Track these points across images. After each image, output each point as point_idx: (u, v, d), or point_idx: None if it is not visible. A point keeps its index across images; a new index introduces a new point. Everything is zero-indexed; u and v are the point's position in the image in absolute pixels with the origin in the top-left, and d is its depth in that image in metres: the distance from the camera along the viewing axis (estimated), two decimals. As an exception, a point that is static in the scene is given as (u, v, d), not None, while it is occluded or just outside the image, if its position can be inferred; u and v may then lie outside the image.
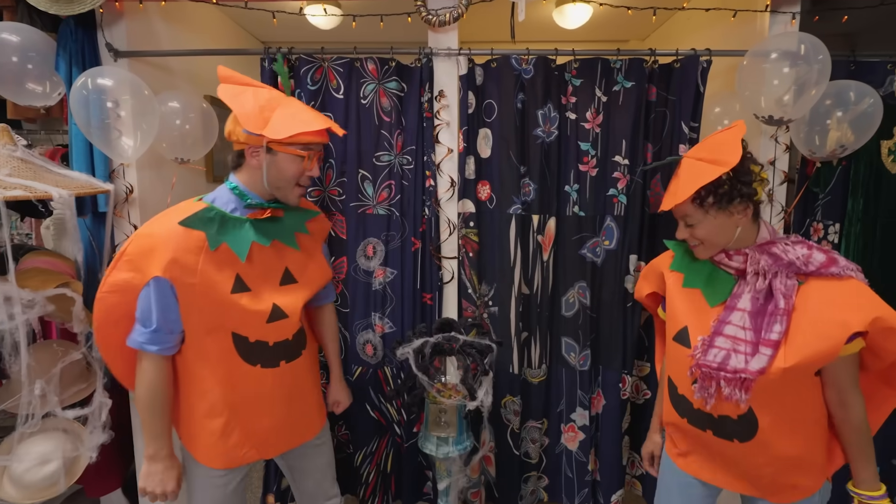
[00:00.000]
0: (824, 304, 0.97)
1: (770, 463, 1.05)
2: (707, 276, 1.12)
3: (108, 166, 1.66)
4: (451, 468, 1.53)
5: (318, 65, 1.64)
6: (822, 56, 1.39)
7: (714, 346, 1.03)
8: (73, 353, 1.51)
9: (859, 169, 1.64)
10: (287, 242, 1.20)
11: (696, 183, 1.02)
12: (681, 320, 1.12)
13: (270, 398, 1.19)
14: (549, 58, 1.63)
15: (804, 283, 1.01)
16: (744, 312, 1.03)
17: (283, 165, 1.11)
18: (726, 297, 1.07)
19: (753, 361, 0.98)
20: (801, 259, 1.01)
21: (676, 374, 1.14)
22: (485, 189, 1.70)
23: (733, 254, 1.07)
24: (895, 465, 1.82)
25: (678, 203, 1.05)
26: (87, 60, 1.61)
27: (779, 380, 0.98)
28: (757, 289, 1.03)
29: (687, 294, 1.13)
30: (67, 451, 1.49)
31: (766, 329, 0.99)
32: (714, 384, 1.02)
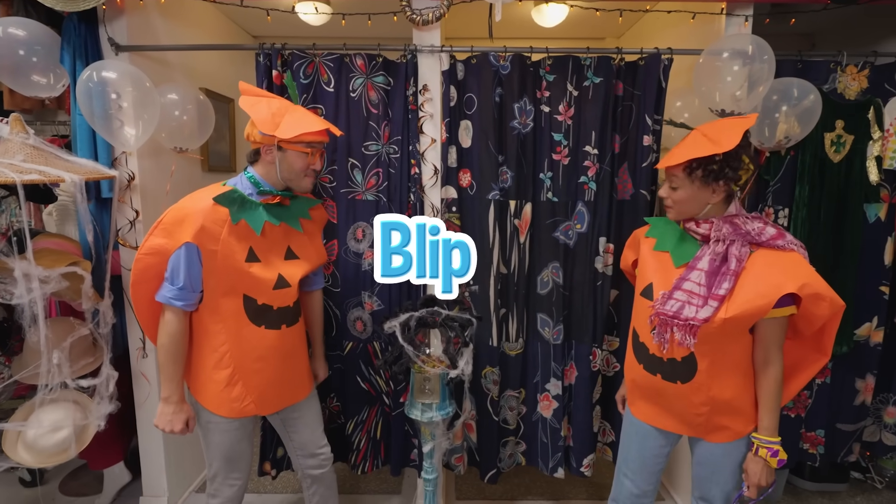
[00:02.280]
0: (766, 269, 1.14)
1: (706, 402, 1.24)
2: (676, 241, 1.28)
3: (111, 154, 1.75)
4: (434, 432, 1.67)
5: (309, 60, 1.75)
6: (767, 56, 1.55)
7: (672, 299, 1.20)
8: (81, 328, 1.61)
9: (805, 158, 1.80)
10: (292, 224, 1.42)
11: (691, 153, 1.16)
12: (648, 278, 1.30)
13: (270, 356, 1.40)
14: (524, 55, 1.77)
15: (754, 252, 1.17)
16: (701, 272, 1.19)
17: (292, 160, 1.35)
18: (689, 259, 1.23)
19: (701, 312, 1.15)
20: (755, 231, 1.18)
21: (639, 324, 1.33)
22: (466, 176, 1.84)
23: (702, 222, 1.23)
24: (839, 428, 2.01)
25: (671, 165, 1.20)
26: (90, 54, 1.70)
27: (718, 329, 1.15)
28: (716, 252, 1.18)
29: (656, 256, 1.31)
30: (77, 420, 1.59)
31: (717, 286, 1.15)
32: (669, 330, 1.20)
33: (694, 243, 1.26)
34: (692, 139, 1.21)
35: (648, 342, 1.29)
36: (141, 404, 1.92)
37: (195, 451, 2.17)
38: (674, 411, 1.31)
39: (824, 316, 1.16)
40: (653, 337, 1.25)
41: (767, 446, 1.21)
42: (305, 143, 1.35)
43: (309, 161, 1.37)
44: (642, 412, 1.39)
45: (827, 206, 1.83)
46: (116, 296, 1.82)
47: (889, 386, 2.04)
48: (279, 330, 1.40)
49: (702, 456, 1.33)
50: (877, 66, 1.81)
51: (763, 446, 1.22)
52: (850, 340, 1.89)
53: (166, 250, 1.27)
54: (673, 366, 1.25)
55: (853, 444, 2.03)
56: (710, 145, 1.15)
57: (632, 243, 1.49)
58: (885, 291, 1.90)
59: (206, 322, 1.35)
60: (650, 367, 1.30)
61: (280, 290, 1.38)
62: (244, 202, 1.33)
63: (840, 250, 1.85)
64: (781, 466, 1.22)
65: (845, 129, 1.80)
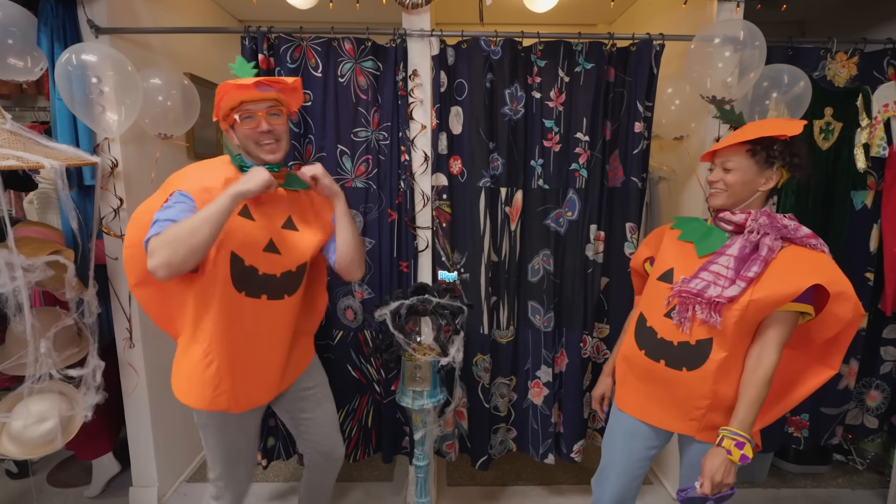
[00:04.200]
0: (795, 263, 1.13)
1: (707, 395, 1.18)
2: (702, 233, 1.26)
3: (93, 140, 1.71)
4: (425, 419, 1.68)
5: (296, 44, 1.72)
6: (759, 42, 1.54)
7: (697, 278, 1.18)
8: (66, 318, 1.59)
9: (794, 146, 1.81)
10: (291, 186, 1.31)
11: (762, 131, 1.15)
12: (668, 263, 1.28)
13: (249, 329, 1.25)
14: (515, 40, 1.74)
15: (786, 247, 1.15)
16: (731, 257, 1.17)
17: (239, 134, 1.24)
18: (713, 250, 1.21)
19: (728, 290, 1.12)
20: (791, 227, 1.17)
21: (650, 309, 1.29)
22: (456, 163, 1.82)
23: (738, 211, 1.20)
24: (822, 411, 2.05)
25: (740, 141, 1.15)
26: (69, 37, 1.65)
27: (742, 312, 1.11)
28: (749, 241, 1.16)
29: (680, 245, 1.29)
30: (63, 411, 1.57)
31: (746, 269, 1.13)
32: (690, 308, 1.16)
33: (721, 236, 1.23)
34: (753, 125, 1.20)
35: (659, 325, 1.24)
36: (129, 394, 1.90)
37: (185, 440, 2.16)
38: (670, 402, 1.25)
39: (845, 319, 1.12)
40: (668, 320, 1.21)
41: (733, 437, 1.10)
42: (237, 111, 1.21)
43: (251, 126, 1.21)
44: (632, 405, 1.33)
45: (815, 193, 1.84)
46: (101, 285, 1.79)
47: (871, 370, 2.07)
48: (258, 300, 1.25)
49: (692, 456, 1.27)
50: (866, 54, 1.81)
51: (728, 437, 1.10)
52: (835, 326, 1.91)
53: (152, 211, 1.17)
54: (683, 350, 1.20)
55: (836, 428, 2.07)
56: (761, 127, 1.16)
57: (650, 241, 1.43)
58: (870, 278, 1.93)
59: (183, 290, 1.24)
60: (654, 352, 1.25)
61: (269, 254, 1.25)
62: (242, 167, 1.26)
63: (827, 237, 1.86)
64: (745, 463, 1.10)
65: (834, 116, 1.81)
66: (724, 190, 1.21)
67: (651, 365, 1.26)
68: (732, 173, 1.19)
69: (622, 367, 1.37)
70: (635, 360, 1.30)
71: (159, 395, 1.95)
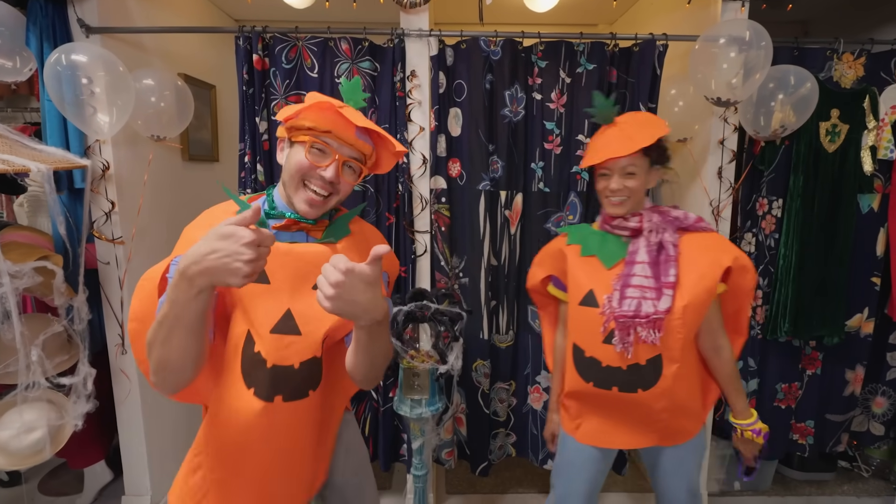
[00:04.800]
0: (700, 251, 1.17)
1: (668, 408, 1.18)
2: (599, 243, 1.24)
3: (84, 143, 1.67)
4: (424, 428, 1.64)
5: (292, 44, 1.68)
6: (765, 42, 1.50)
7: (626, 297, 1.14)
8: (55, 325, 1.55)
9: (800, 148, 1.77)
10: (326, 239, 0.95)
11: (655, 133, 1.14)
12: (585, 285, 1.22)
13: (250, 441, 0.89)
14: (516, 40, 1.71)
15: (681, 237, 1.19)
16: (644, 264, 1.16)
17: (292, 157, 0.90)
18: (619, 258, 1.20)
19: (661, 303, 1.12)
20: (681, 216, 1.21)
21: (584, 338, 1.21)
22: (455, 166, 1.78)
23: (630, 216, 1.21)
24: (828, 418, 2.01)
25: (640, 147, 1.13)
26: (59, 36, 1.61)
27: (680, 318, 1.12)
28: (651, 242, 1.17)
29: (585, 262, 1.24)
30: (52, 420, 1.53)
31: (664, 274, 1.14)
32: (632, 331, 1.13)
33: (617, 242, 1.22)
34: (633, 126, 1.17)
35: (600, 354, 1.18)
36: (122, 402, 1.86)
37: (178, 448, 2.12)
38: (630, 423, 1.23)
39: (748, 289, 1.21)
40: (609, 346, 1.16)
41: (750, 429, 1.25)
42: (316, 133, 0.88)
43: (311, 159, 0.88)
44: (591, 436, 1.27)
45: (821, 197, 1.80)
46: (93, 291, 1.75)
47: (878, 376, 2.04)
48: (270, 403, 0.87)
49: (662, 464, 1.28)
50: (873, 54, 1.78)
51: (746, 429, 1.25)
52: (840, 332, 1.88)
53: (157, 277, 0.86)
54: (634, 373, 1.16)
55: (842, 434, 2.03)
56: (650, 128, 1.15)
57: (543, 260, 1.37)
58: (877, 282, 1.89)
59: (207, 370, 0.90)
60: (604, 382, 1.19)
61: (281, 335, 0.87)
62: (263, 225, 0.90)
63: (833, 241, 1.83)
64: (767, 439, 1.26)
65: (840, 118, 1.77)
66: (628, 197, 1.18)
67: (603, 395, 1.20)
68: (635, 178, 1.17)
69: (572, 403, 1.29)
70: (585, 393, 1.24)
71: (152, 402, 1.91)
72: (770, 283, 1.87)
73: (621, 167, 1.16)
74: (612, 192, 1.18)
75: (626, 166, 1.16)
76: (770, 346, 1.93)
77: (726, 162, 1.78)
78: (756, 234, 1.88)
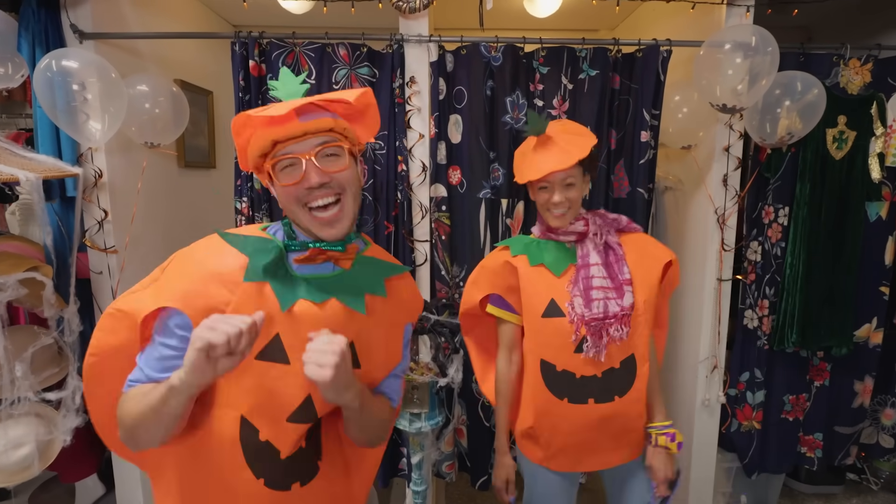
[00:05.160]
0: (639, 250, 1.23)
1: (641, 413, 1.20)
2: (544, 252, 1.23)
3: (76, 150, 1.64)
4: (423, 442, 1.60)
5: (289, 49, 1.65)
6: (771, 48, 1.47)
7: (593, 300, 1.14)
8: (45, 337, 1.51)
9: (807, 155, 1.74)
10: (350, 303, 0.81)
11: (587, 144, 1.16)
12: (544, 296, 1.19)
13: None
14: (517, 46, 1.68)
15: (620, 237, 1.25)
16: (598, 265, 1.18)
17: (277, 189, 0.79)
18: (567, 264, 1.20)
19: (624, 300, 1.15)
20: (618, 220, 1.28)
21: (554, 351, 1.17)
22: (455, 174, 1.75)
23: (574, 221, 1.22)
24: (837, 430, 1.97)
25: (577, 160, 1.13)
26: (51, 42, 1.58)
27: (643, 314, 1.16)
28: (598, 244, 1.21)
29: (536, 272, 1.21)
30: (41, 435, 1.49)
31: (619, 272, 1.18)
32: (605, 333, 1.13)
33: (562, 249, 1.23)
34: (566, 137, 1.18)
35: (573, 365, 1.16)
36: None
37: (173, 461, 2.07)
38: (604, 441, 1.19)
39: (676, 282, 1.31)
40: (579, 355, 1.14)
41: (664, 432, 1.19)
42: (269, 155, 0.76)
43: (289, 182, 0.76)
44: (567, 462, 1.22)
45: (828, 205, 1.77)
46: (85, 301, 1.71)
47: (887, 387, 2.00)
48: (287, 492, 0.79)
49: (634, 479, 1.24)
50: (880, 60, 1.75)
51: (660, 433, 1.19)
52: (849, 342, 1.84)
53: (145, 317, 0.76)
54: (610, 379, 1.16)
55: (851, 447, 1.99)
56: (582, 138, 1.18)
57: (481, 278, 1.29)
58: (885, 292, 1.86)
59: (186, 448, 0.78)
60: (579, 395, 1.16)
61: (298, 424, 0.78)
62: (281, 260, 0.79)
63: (840, 249, 1.80)
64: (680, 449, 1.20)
65: (847, 124, 1.74)
66: (570, 208, 1.19)
67: (579, 410, 1.16)
68: (575, 189, 1.19)
69: (542, 429, 1.21)
70: (559, 412, 1.18)
71: (145, 414, 1.86)
72: (777, 293, 1.84)
73: (560, 180, 1.16)
74: (556, 205, 1.18)
75: (565, 178, 1.16)
76: (777, 357, 1.89)
77: (732, 169, 1.75)
78: (762, 242, 1.84)
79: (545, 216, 1.24)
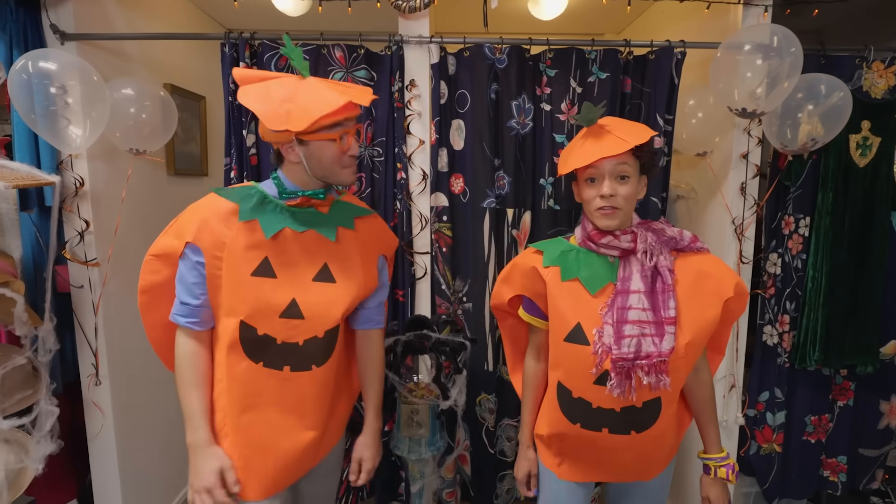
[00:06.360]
0: (698, 277, 1.04)
1: (661, 446, 1.09)
2: (581, 264, 1.06)
3: (56, 157, 1.54)
4: (424, 470, 1.49)
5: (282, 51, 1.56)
6: (795, 49, 1.39)
7: (625, 336, 0.98)
8: (17, 357, 1.40)
9: (829, 163, 1.65)
10: (325, 233, 1.09)
11: (646, 133, 0.99)
12: (570, 318, 1.04)
13: (265, 405, 1.07)
14: (523, 47, 1.59)
15: (676, 259, 1.05)
16: (640, 294, 1.00)
17: (319, 153, 1.03)
18: (605, 283, 1.04)
19: (664, 343, 0.97)
20: (677, 236, 1.06)
21: (571, 378, 1.06)
22: (458, 182, 1.66)
23: (620, 234, 1.03)
24: (861, 453, 1.86)
25: (634, 145, 0.97)
26: (30, 43, 1.49)
27: (682, 358, 1.00)
28: (646, 267, 1.01)
29: (567, 288, 1.06)
30: (11, 463, 1.38)
31: (664, 307, 0.99)
32: (633, 375, 0.98)
33: (603, 263, 1.05)
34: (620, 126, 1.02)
35: (591, 395, 1.04)
36: (94, 437, 1.71)
37: (156, 485, 1.96)
38: (617, 465, 1.11)
39: (740, 313, 1.11)
40: (601, 387, 1.01)
41: (724, 464, 1.11)
42: (328, 127, 1.01)
43: (340, 148, 1.03)
44: (578, 473, 1.15)
45: (851, 214, 1.68)
46: (65, 317, 1.61)
47: (914, 407, 1.89)
48: (280, 371, 1.06)
49: (643, 497, 1.18)
50: (905, 63, 1.66)
51: (720, 465, 1.11)
52: (874, 359, 1.74)
53: (173, 252, 1.05)
54: (629, 415, 1.03)
55: (876, 471, 1.88)
56: (640, 129, 1.02)
57: (511, 276, 1.18)
58: (913, 306, 1.76)
59: (214, 348, 1.09)
60: (592, 423, 1.06)
61: (289, 320, 1.05)
62: (264, 201, 1.05)
63: (865, 262, 1.70)
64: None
65: (872, 130, 1.65)
66: (621, 207, 1.01)
67: (591, 436, 1.07)
68: (628, 184, 1.00)
69: (555, 443, 1.15)
70: (570, 434, 1.10)
71: (128, 437, 1.76)
72: (797, 308, 1.74)
73: (612, 169, 0.99)
74: (605, 198, 1.00)
75: (618, 168, 0.99)
76: (798, 376, 1.79)
77: (750, 177, 1.66)
78: (782, 254, 1.74)
79: (591, 216, 1.05)
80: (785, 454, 1.83)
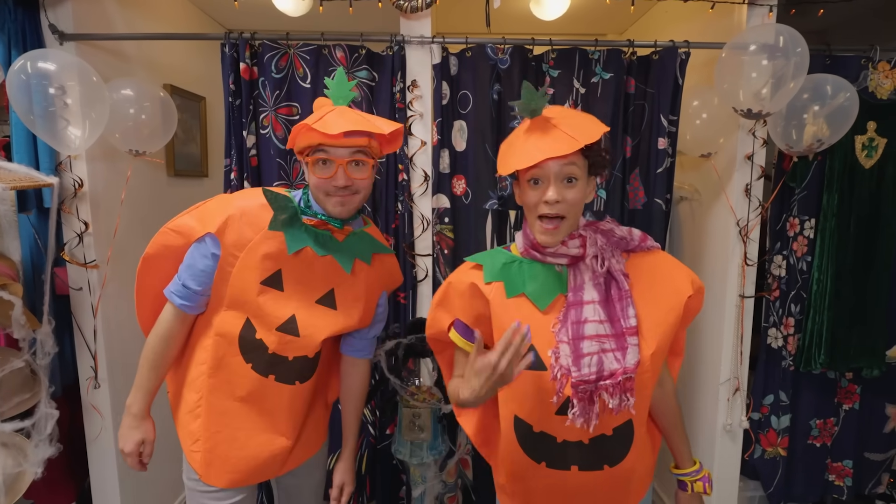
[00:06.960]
0: (654, 278, 0.94)
1: (640, 478, 0.98)
2: (526, 277, 0.93)
3: (55, 158, 1.53)
4: (425, 474, 1.48)
5: (283, 51, 1.55)
6: (801, 49, 1.37)
7: (584, 355, 0.86)
8: (15, 360, 1.39)
9: (834, 164, 1.64)
10: (341, 261, 1.08)
11: (597, 131, 0.86)
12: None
13: (245, 403, 1.09)
14: (525, 47, 1.58)
15: (627, 260, 0.95)
16: (594, 304, 0.89)
17: (308, 176, 1.05)
18: (555, 295, 0.92)
19: (628, 357, 0.86)
20: (626, 236, 0.96)
21: (530, 409, 0.92)
22: (460, 183, 1.64)
23: (568, 239, 0.91)
24: (867, 457, 1.85)
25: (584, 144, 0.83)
26: (29, 43, 1.49)
27: (649, 371, 0.89)
28: (598, 273, 0.90)
29: (514, 306, 0.92)
30: (8, 467, 1.37)
31: (623, 316, 0.88)
32: (596, 398, 0.86)
33: (550, 273, 0.93)
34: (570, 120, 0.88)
35: (553, 428, 0.91)
36: (93, 440, 1.70)
37: (155, 489, 1.95)
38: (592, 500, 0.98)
39: (698, 310, 1.00)
40: (563, 417, 0.88)
41: (699, 478, 1.04)
42: (313, 150, 0.99)
43: (321, 176, 0.99)
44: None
45: (857, 216, 1.66)
46: (64, 319, 1.60)
47: (920, 410, 1.88)
48: (264, 378, 1.08)
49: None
50: (911, 63, 1.65)
51: (695, 480, 1.04)
52: (880, 363, 1.72)
53: (192, 234, 1.06)
54: (599, 446, 0.91)
55: (882, 475, 1.87)
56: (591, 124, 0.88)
57: (448, 299, 1.01)
58: (920, 310, 1.74)
59: (200, 332, 1.11)
60: (559, 461, 0.92)
61: (284, 334, 1.06)
62: (294, 217, 1.06)
63: (871, 264, 1.68)
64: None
65: (878, 131, 1.64)
66: (564, 217, 0.88)
67: (559, 476, 0.94)
68: (576, 187, 0.87)
69: (519, 492, 1.01)
70: (535, 475, 0.95)
71: (127, 440, 1.74)
72: (803, 311, 1.72)
73: (559, 171, 0.86)
74: (549, 204, 0.87)
75: (565, 169, 0.86)
76: (803, 379, 1.78)
77: (755, 179, 1.64)
78: (787, 256, 1.73)
79: (532, 225, 0.92)
80: (790, 458, 1.81)
